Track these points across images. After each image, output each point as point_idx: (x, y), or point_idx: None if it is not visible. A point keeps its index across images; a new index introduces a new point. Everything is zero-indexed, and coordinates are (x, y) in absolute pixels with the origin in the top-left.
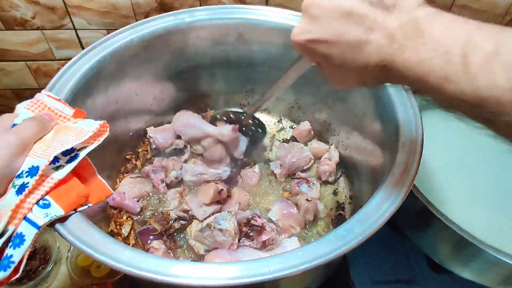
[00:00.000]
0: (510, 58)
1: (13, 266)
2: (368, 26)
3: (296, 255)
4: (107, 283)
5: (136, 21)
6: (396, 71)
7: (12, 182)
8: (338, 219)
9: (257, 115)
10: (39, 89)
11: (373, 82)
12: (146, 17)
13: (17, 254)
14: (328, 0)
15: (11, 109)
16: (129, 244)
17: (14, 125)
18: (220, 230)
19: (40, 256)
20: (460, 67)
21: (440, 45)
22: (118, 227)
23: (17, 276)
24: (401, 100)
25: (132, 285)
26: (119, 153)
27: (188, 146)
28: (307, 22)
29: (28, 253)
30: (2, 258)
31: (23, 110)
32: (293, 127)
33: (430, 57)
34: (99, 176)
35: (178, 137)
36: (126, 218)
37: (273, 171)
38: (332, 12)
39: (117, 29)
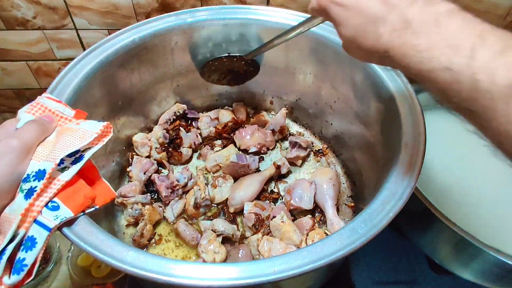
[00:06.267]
0: None
1: (26, 269)
2: (390, 6)
3: (301, 255)
4: (107, 283)
5: (137, 21)
6: (400, 56)
7: (19, 187)
8: None
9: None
10: (40, 89)
11: (376, 62)
12: (147, 17)
13: (29, 257)
14: None
15: (12, 109)
16: None
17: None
18: None
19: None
20: (464, 60)
21: (453, 37)
22: None
23: (30, 279)
24: (404, 100)
25: (132, 285)
26: (122, 153)
27: None
28: None
29: (41, 255)
30: (15, 261)
31: (24, 114)
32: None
33: (439, 46)
34: (103, 179)
35: None
36: None
37: None
38: None
39: (118, 29)
